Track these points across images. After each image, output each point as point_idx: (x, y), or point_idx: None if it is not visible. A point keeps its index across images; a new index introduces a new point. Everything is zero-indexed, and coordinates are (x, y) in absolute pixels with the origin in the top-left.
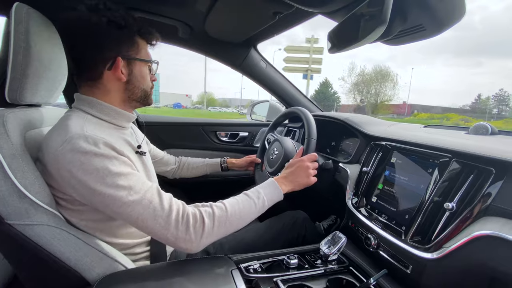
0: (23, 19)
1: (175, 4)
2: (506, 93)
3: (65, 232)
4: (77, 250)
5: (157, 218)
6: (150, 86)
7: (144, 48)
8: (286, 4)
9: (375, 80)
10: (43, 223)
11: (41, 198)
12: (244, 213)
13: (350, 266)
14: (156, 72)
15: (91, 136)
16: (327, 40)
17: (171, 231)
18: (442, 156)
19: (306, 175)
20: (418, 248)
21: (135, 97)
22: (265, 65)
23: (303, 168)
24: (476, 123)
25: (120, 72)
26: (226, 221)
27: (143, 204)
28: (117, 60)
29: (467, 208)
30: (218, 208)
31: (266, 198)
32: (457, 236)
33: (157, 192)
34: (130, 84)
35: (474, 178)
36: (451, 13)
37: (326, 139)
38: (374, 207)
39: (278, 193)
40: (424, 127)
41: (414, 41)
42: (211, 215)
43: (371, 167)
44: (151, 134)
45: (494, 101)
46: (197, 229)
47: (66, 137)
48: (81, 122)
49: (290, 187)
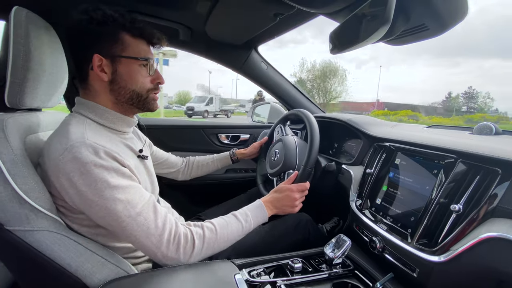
0: (22, 23)
1: (175, 7)
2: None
3: (66, 237)
4: (78, 256)
5: (149, 236)
6: (147, 88)
7: (134, 45)
8: (287, 5)
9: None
10: (44, 228)
11: (42, 204)
12: (232, 235)
13: (355, 269)
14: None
15: (91, 145)
16: (329, 41)
17: (161, 250)
18: (447, 157)
19: (291, 205)
20: (424, 251)
21: (124, 99)
22: (266, 66)
23: (290, 198)
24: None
25: (101, 71)
26: (214, 243)
27: (137, 221)
28: (93, 58)
29: (474, 209)
30: (209, 230)
31: (253, 221)
32: (464, 238)
33: (153, 208)
34: (115, 84)
35: (481, 179)
36: (454, 13)
37: (329, 140)
38: (379, 209)
39: (264, 216)
40: (428, 127)
41: (417, 40)
42: (201, 237)
43: (375, 168)
44: (152, 137)
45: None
46: (187, 250)
47: (67, 145)
48: (81, 128)
49: (274, 212)
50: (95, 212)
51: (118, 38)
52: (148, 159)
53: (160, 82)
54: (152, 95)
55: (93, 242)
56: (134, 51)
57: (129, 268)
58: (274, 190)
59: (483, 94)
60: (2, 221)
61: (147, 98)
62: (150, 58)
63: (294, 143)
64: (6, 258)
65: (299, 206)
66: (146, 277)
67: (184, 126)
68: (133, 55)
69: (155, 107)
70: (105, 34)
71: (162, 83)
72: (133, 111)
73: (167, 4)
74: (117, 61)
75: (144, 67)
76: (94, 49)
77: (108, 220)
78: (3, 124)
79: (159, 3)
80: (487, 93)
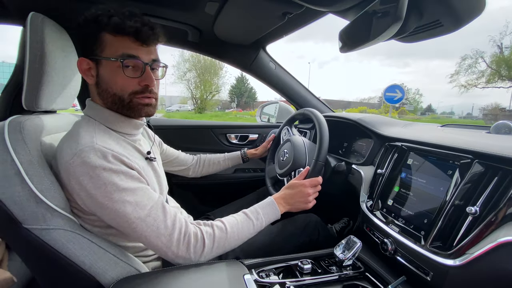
0: (38, 28)
1: (184, 8)
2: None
3: (80, 236)
4: (92, 254)
5: (159, 236)
6: (129, 90)
7: (113, 44)
8: (296, 4)
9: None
10: (59, 227)
11: (57, 203)
12: (243, 234)
13: (366, 272)
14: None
15: (100, 149)
16: (338, 40)
17: (171, 250)
18: (463, 157)
19: (305, 201)
20: (439, 254)
21: (109, 103)
22: (275, 66)
23: (304, 194)
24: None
25: (86, 74)
26: (225, 242)
27: (147, 222)
28: (78, 61)
29: (491, 212)
30: (219, 229)
31: (264, 218)
32: (481, 242)
33: (162, 209)
34: (99, 87)
35: (499, 181)
36: (471, 8)
37: (339, 140)
38: (390, 211)
39: (276, 213)
40: (442, 126)
41: (432, 37)
42: (211, 236)
43: (386, 168)
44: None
45: None
46: (197, 249)
47: (76, 150)
48: (91, 131)
49: (287, 209)
50: (106, 214)
51: (100, 38)
52: (156, 160)
53: (148, 85)
54: (138, 99)
55: (106, 241)
56: (111, 51)
57: (140, 267)
58: (285, 187)
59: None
60: (20, 220)
61: (131, 102)
62: (134, 55)
63: (302, 142)
64: (24, 255)
65: (312, 202)
66: (156, 276)
67: (193, 126)
68: (110, 55)
69: (143, 112)
70: (87, 35)
71: (150, 86)
72: (127, 115)
73: (175, 6)
74: (99, 63)
75: (127, 67)
76: (81, 52)
77: (119, 222)
78: (20, 126)
79: (168, 5)
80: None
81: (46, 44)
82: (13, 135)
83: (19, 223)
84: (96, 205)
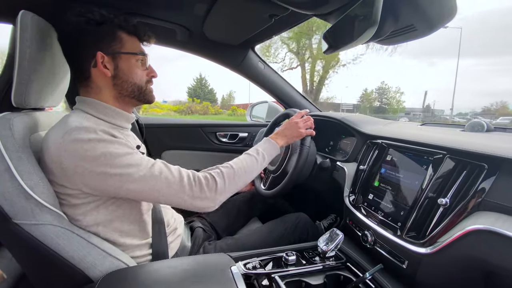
0: (28, 26)
1: (173, 8)
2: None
3: (69, 231)
4: (80, 249)
5: (170, 184)
6: (145, 80)
7: (130, 42)
8: (282, 7)
9: None
10: (48, 222)
11: (46, 199)
12: (249, 167)
13: (347, 262)
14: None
15: (90, 127)
16: (323, 41)
17: (187, 193)
18: (436, 153)
19: (297, 128)
20: (413, 244)
21: (127, 93)
22: (263, 66)
23: (293, 124)
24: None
25: (104, 67)
26: (234, 176)
27: (154, 175)
28: (97, 55)
29: (460, 203)
30: (225, 167)
31: (265, 153)
32: (451, 230)
33: (164, 164)
34: (117, 79)
35: (467, 174)
36: (442, 13)
37: (325, 138)
38: (371, 204)
39: (275, 147)
40: (421, 125)
41: (407, 40)
42: (220, 174)
43: (367, 165)
44: (151, 135)
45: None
46: (210, 186)
47: (66, 129)
48: (80, 118)
49: (284, 141)
50: (112, 184)
51: (116, 36)
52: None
53: (154, 76)
54: (149, 87)
55: (95, 236)
56: (131, 47)
57: (130, 261)
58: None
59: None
60: (10, 215)
61: (146, 90)
62: (141, 52)
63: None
64: (15, 250)
65: (304, 130)
66: (145, 268)
67: (183, 125)
68: (131, 51)
69: (153, 98)
70: (104, 33)
71: (155, 77)
72: (133, 104)
73: (164, 5)
74: (117, 57)
75: (141, 62)
76: (95, 47)
77: (127, 186)
78: (10, 123)
79: (156, 5)
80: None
81: (35, 42)
82: (3, 132)
83: (9, 218)
84: (98, 177)
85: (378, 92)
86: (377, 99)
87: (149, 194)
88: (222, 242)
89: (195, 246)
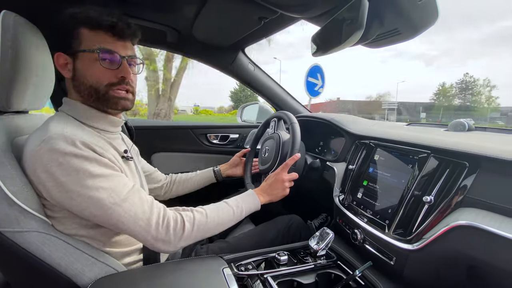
0: (10, 26)
1: (162, 9)
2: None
3: (55, 238)
4: (67, 256)
5: (137, 221)
6: (105, 82)
7: (90, 39)
8: (271, 9)
9: None
10: (33, 229)
11: (30, 205)
12: (223, 219)
13: (338, 260)
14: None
15: (70, 137)
16: (311, 43)
17: (151, 233)
18: (421, 152)
19: (282, 188)
20: (400, 240)
21: (86, 96)
22: (254, 68)
23: (279, 181)
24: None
25: (63, 68)
26: (205, 226)
27: (124, 207)
28: (55, 56)
29: (444, 200)
30: (199, 213)
31: (244, 206)
32: (435, 227)
33: (138, 195)
34: (75, 81)
35: (450, 172)
36: (425, 18)
37: (315, 139)
38: (360, 203)
39: (256, 204)
40: (407, 125)
41: (392, 44)
42: (191, 219)
43: (356, 164)
44: (141, 138)
45: (457, 89)
46: (177, 231)
47: (44, 137)
48: (62, 123)
49: (267, 199)
50: (77, 204)
51: (77, 33)
52: (133, 160)
53: (124, 77)
54: (114, 92)
55: (82, 242)
56: (89, 44)
57: (119, 267)
58: (264, 180)
59: (481, 82)
60: None
61: (106, 94)
62: (111, 50)
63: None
64: None
65: (289, 188)
66: (136, 272)
67: (173, 127)
68: (87, 47)
69: (119, 105)
70: (65, 31)
71: (126, 78)
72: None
73: (153, 6)
74: (76, 57)
75: (104, 60)
76: (59, 47)
77: (92, 210)
78: None
79: (145, 6)
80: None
81: (18, 43)
82: None
83: None
84: (66, 194)
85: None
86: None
87: (112, 224)
88: (214, 246)
89: (187, 250)
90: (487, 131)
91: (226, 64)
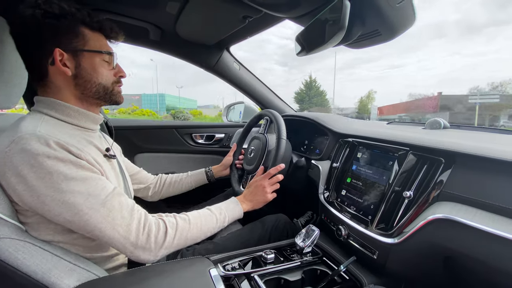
0: None
1: (144, 6)
2: None
3: (30, 244)
4: (44, 263)
5: (116, 227)
6: (112, 80)
7: (94, 39)
8: (255, 9)
9: None
10: (5, 236)
11: (2, 210)
12: (206, 226)
13: (324, 256)
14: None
15: (43, 136)
16: (296, 43)
17: (130, 240)
18: (401, 149)
19: (263, 194)
20: (382, 235)
21: (91, 93)
22: (239, 67)
23: (260, 187)
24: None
25: (63, 66)
26: (187, 233)
27: (101, 213)
28: (54, 52)
29: (422, 195)
30: (182, 219)
31: (227, 214)
32: (414, 221)
33: (118, 199)
34: (79, 79)
35: (428, 168)
36: (403, 21)
37: (300, 138)
38: (344, 200)
39: (239, 211)
40: (388, 123)
41: (373, 45)
42: (174, 225)
43: (340, 162)
44: (122, 138)
45: None
46: (158, 239)
47: (14, 137)
48: (35, 122)
49: (250, 206)
50: (51, 209)
51: (78, 32)
52: (116, 159)
53: (122, 76)
54: (117, 88)
55: (60, 248)
56: (95, 45)
57: (100, 272)
58: (246, 187)
59: None
60: None
61: (113, 90)
62: (111, 51)
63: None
64: None
65: (271, 194)
66: (118, 277)
67: (156, 127)
68: (95, 48)
69: (121, 99)
70: (63, 28)
71: (124, 77)
72: (98, 105)
73: (136, 3)
74: (79, 55)
75: (106, 61)
76: (52, 44)
77: (67, 216)
78: None
79: (126, 2)
80: None
81: None
82: None
83: None
84: (39, 199)
85: None
86: None
87: (89, 231)
88: (200, 247)
89: (172, 253)
90: (461, 128)
91: (211, 63)
